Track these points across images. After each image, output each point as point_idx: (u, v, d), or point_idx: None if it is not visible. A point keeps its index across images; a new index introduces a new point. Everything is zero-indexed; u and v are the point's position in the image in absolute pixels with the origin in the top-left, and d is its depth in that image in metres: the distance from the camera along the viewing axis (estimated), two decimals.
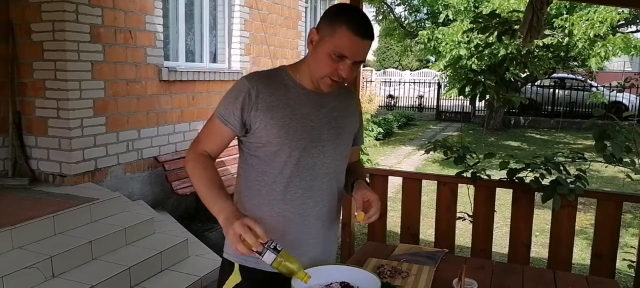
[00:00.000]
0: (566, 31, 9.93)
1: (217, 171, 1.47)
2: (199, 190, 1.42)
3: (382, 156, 9.66)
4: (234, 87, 1.47)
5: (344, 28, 1.34)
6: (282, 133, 1.43)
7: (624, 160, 2.73)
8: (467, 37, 9.96)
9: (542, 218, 4.95)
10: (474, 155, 3.18)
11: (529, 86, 14.51)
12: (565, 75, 15.09)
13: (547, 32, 9.40)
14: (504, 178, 3.03)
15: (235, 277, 1.50)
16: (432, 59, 14.35)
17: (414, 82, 19.43)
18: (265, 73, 1.50)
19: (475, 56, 10.21)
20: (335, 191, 1.58)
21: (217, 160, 1.55)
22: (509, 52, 9.28)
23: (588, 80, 15.49)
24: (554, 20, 10.08)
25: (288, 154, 1.45)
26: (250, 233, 1.25)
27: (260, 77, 1.47)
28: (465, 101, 14.68)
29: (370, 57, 29.99)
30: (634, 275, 2.87)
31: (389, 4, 13.63)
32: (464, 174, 3.11)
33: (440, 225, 3.19)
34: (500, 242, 4.09)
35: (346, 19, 1.35)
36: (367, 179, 1.65)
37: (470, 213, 3.14)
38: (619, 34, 10.35)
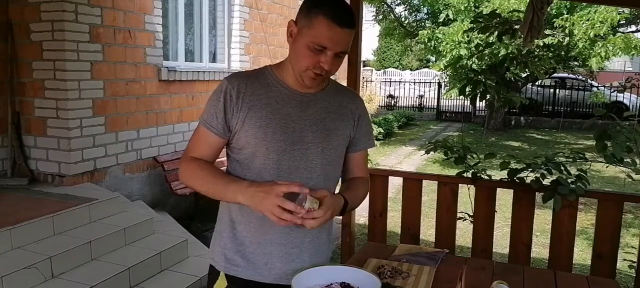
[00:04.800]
0: (567, 31, 9.93)
1: (211, 165, 1.42)
2: (204, 188, 1.37)
3: (382, 156, 9.65)
4: (216, 91, 1.41)
5: (320, 17, 1.27)
6: (259, 134, 1.36)
7: (625, 160, 2.72)
8: (468, 36, 9.95)
9: (542, 219, 4.95)
10: (475, 156, 3.17)
11: (529, 86, 14.51)
12: (565, 75, 15.09)
13: (547, 32, 9.40)
14: (505, 178, 3.02)
15: (222, 282, 1.47)
16: (433, 58, 14.35)
17: (414, 82, 19.42)
18: (247, 72, 1.45)
19: (475, 56, 10.19)
20: None
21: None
22: (509, 52, 9.26)
23: (589, 80, 15.49)
24: (554, 20, 10.08)
25: (265, 156, 1.37)
26: (284, 206, 1.22)
27: (241, 76, 1.42)
28: (465, 101, 14.67)
29: (370, 56, 29.99)
30: (634, 275, 2.87)
31: (389, 3, 13.62)
32: (465, 174, 3.10)
33: (440, 225, 3.18)
34: (501, 242, 4.08)
35: (323, 8, 1.28)
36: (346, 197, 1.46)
37: (471, 214, 3.13)
38: (619, 34, 10.35)
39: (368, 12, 15.50)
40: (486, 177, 3.08)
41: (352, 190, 1.49)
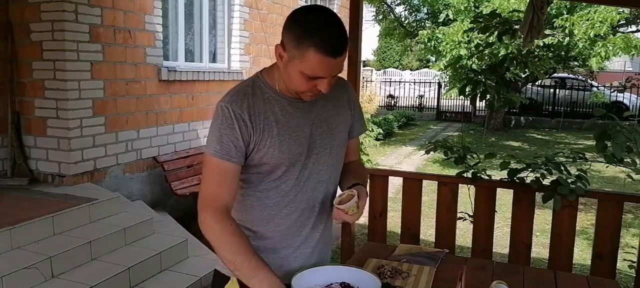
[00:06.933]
0: (566, 31, 9.94)
1: (242, 231, 1.33)
2: (230, 260, 1.28)
3: (382, 156, 9.65)
4: (222, 118, 1.32)
5: (312, 51, 1.20)
6: (275, 153, 1.35)
7: (625, 160, 2.72)
8: (468, 36, 9.95)
9: (542, 219, 4.95)
10: (475, 156, 3.17)
11: (529, 86, 14.51)
12: (565, 75, 15.09)
13: (547, 32, 9.40)
14: (505, 178, 3.02)
15: (233, 285, 1.45)
16: (433, 58, 14.35)
17: (414, 82, 19.43)
18: (243, 91, 1.36)
19: (475, 56, 10.20)
20: (331, 196, 1.52)
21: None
22: (509, 52, 9.27)
23: (589, 80, 15.50)
24: (554, 20, 10.08)
25: (283, 171, 1.38)
26: None
27: (242, 98, 1.34)
28: (465, 101, 14.67)
29: (370, 56, 29.99)
30: (634, 275, 2.87)
31: (389, 3, 13.62)
32: (465, 174, 3.10)
33: (440, 225, 3.18)
34: (501, 242, 4.08)
35: (314, 41, 1.20)
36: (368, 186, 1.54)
37: (471, 214, 3.13)
38: (619, 34, 10.36)
39: (368, 12, 15.51)
40: (486, 177, 3.08)
41: (363, 176, 1.56)
